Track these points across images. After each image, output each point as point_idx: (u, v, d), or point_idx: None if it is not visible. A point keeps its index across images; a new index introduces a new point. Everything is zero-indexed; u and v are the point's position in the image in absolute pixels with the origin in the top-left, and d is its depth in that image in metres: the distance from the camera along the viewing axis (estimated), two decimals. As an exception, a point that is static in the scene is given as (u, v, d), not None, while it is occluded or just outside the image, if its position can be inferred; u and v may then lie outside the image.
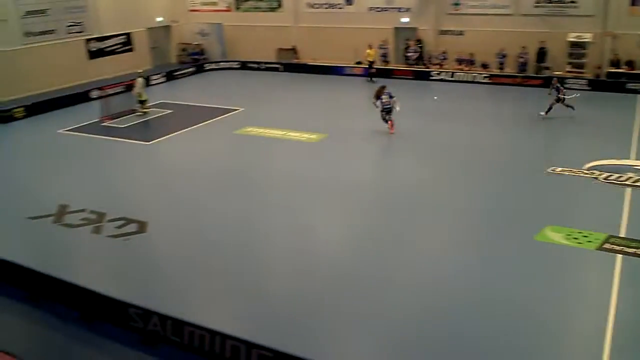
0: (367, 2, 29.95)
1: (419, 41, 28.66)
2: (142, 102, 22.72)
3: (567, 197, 13.79)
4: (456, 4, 27.95)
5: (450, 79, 27.43)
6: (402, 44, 29.45)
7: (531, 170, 15.44)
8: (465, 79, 27.15)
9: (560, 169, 15.26)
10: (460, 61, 27.76)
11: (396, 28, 29.57)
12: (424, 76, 27.96)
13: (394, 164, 17.04)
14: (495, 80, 26.52)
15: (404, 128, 19.06)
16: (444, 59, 28.12)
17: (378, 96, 18.89)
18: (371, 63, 28.29)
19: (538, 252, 11.15)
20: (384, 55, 29.33)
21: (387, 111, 18.52)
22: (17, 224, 13.21)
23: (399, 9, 29.25)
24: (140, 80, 22.70)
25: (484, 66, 27.25)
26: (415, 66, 28.53)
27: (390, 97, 18.53)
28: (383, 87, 19.29)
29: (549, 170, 15.21)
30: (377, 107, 18.59)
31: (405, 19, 29.18)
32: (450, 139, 18.40)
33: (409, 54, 28.74)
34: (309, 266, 10.95)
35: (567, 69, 25.91)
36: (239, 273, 10.77)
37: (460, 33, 28.09)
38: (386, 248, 11.53)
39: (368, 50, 28.09)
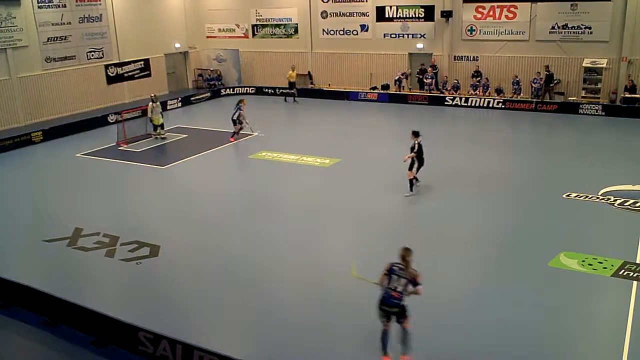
0: (382, 29, 30.26)
1: (434, 67, 28.80)
2: (157, 127, 22.99)
3: (582, 223, 13.64)
4: (471, 30, 28.12)
5: (465, 104, 27.47)
6: (417, 69, 29.62)
7: (546, 195, 15.33)
8: (479, 104, 27.17)
9: (575, 194, 15.14)
10: (475, 87, 27.81)
11: (411, 54, 29.78)
12: (439, 101, 28.04)
13: (407, 190, 16.94)
14: (510, 105, 26.49)
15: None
16: (457, 86, 28.22)
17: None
18: (292, 84, 29.54)
19: (552, 279, 11.01)
20: (399, 81, 29.49)
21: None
22: (33, 247, 13.36)
23: (414, 35, 29.50)
24: (152, 104, 23.02)
25: (498, 92, 27.26)
26: (431, 92, 28.64)
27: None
28: None
29: (564, 195, 15.10)
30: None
31: (420, 45, 29.40)
32: (464, 165, 18.34)
33: (426, 80, 28.89)
34: (320, 293, 10.89)
35: (582, 95, 25.84)
36: (250, 298, 10.75)
37: (475, 59, 28.20)
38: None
39: (290, 72, 29.57)
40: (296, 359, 8.84)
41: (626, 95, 24.88)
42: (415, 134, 15.28)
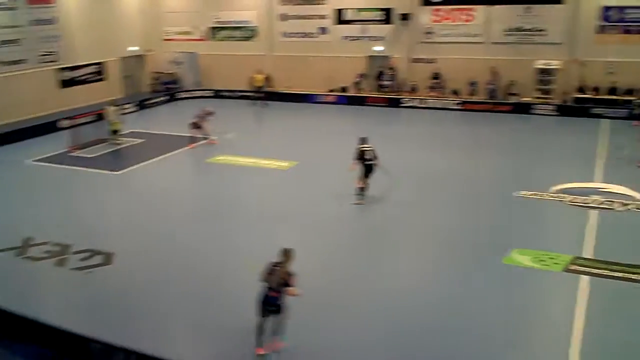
0: (341, 31, 30.36)
1: (391, 69, 29.05)
2: (115, 132, 22.52)
3: (534, 221, 13.93)
4: (428, 33, 28.44)
5: (422, 105, 27.78)
6: (375, 71, 29.81)
7: (499, 194, 15.62)
8: (436, 106, 27.51)
9: (527, 192, 15.44)
10: (432, 88, 28.16)
11: (370, 56, 29.96)
12: (397, 103, 28.27)
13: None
14: (466, 107, 26.90)
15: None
16: (414, 88, 28.54)
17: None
18: (259, 88, 29.65)
19: (505, 275, 11.22)
20: (357, 83, 29.64)
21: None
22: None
23: (373, 38, 29.67)
24: (112, 109, 22.53)
25: (455, 93, 27.66)
26: (389, 93, 28.86)
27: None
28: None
29: (517, 194, 15.39)
30: None
31: (378, 48, 29.60)
32: (418, 165, 18.56)
33: (384, 82, 29.09)
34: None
35: (536, 95, 26.43)
36: (206, 306, 10.57)
37: (432, 61, 28.53)
38: (350, 277, 11.45)
39: (256, 75, 29.57)
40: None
41: (578, 96, 25.58)
42: (360, 140, 15.02)
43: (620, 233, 13.10)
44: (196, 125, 21.48)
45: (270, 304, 8.51)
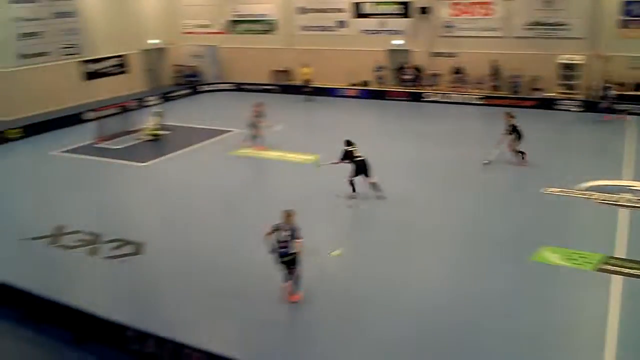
0: (360, 25, 30.28)
1: (417, 67, 28.92)
2: (155, 138, 22.04)
3: (563, 218, 13.83)
4: (448, 27, 28.29)
5: (444, 100, 27.68)
6: (396, 65, 29.72)
7: (526, 191, 15.51)
8: (458, 100, 27.39)
9: (555, 189, 15.34)
10: (455, 83, 28.03)
11: (389, 50, 29.87)
12: (418, 97, 28.20)
13: (385, 185, 16.90)
14: (489, 101, 26.74)
15: (397, 150, 19.18)
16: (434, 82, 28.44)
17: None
18: (306, 82, 29.34)
19: (535, 273, 11.17)
20: (379, 77, 29.60)
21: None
22: (13, 246, 13.11)
23: (392, 31, 29.58)
24: (155, 118, 22.32)
25: (477, 88, 27.51)
26: (411, 88, 28.78)
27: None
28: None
29: (545, 190, 15.29)
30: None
31: (397, 41, 29.50)
32: (444, 160, 18.46)
33: (405, 76, 29.00)
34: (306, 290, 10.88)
35: (560, 90, 26.20)
36: (235, 295, 10.69)
37: (453, 55, 28.38)
38: (380, 272, 11.48)
39: (303, 69, 29.31)
40: (284, 357, 8.83)
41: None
42: (346, 143, 15.22)
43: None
44: (254, 125, 20.37)
45: (285, 256, 9.98)
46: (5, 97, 25.47)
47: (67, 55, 28.41)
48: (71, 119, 25.22)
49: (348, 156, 15.06)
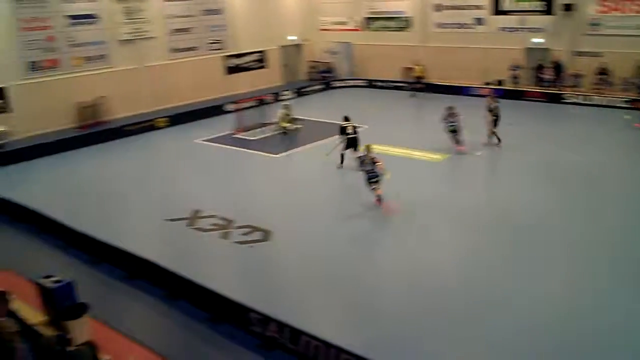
0: (498, 22, 29.29)
1: (556, 63, 27.46)
2: (285, 131, 22.78)
3: None
4: (594, 24, 26.51)
5: (586, 102, 26.01)
6: (534, 64, 28.41)
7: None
8: (602, 103, 25.61)
9: None
10: (599, 84, 26.25)
11: (528, 48, 28.60)
12: (557, 99, 26.76)
13: (512, 187, 16.17)
14: (637, 105, 24.73)
15: (533, 153, 18.49)
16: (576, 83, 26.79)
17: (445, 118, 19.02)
18: (418, 79, 29.08)
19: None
20: (515, 77, 28.47)
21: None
22: (155, 225, 14.45)
23: (532, 29, 28.30)
24: (283, 111, 22.98)
25: (623, 90, 25.54)
26: (550, 88, 27.39)
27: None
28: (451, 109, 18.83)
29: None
30: None
31: (537, 40, 28.16)
32: (582, 168, 17.35)
33: (544, 76, 27.65)
34: (422, 288, 10.91)
35: None
36: (357, 288, 10.98)
37: (598, 55, 26.54)
38: (499, 275, 11.25)
39: (414, 66, 29.28)
40: (396, 348, 8.97)
41: None
42: (344, 118, 18.00)
43: None
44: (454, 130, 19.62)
45: (372, 177, 14.18)
46: (157, 89, 27.78)
47: (213, 50, 30.43)
48: (213, 110, 27.04)
49: (342, 131, 17.57)
